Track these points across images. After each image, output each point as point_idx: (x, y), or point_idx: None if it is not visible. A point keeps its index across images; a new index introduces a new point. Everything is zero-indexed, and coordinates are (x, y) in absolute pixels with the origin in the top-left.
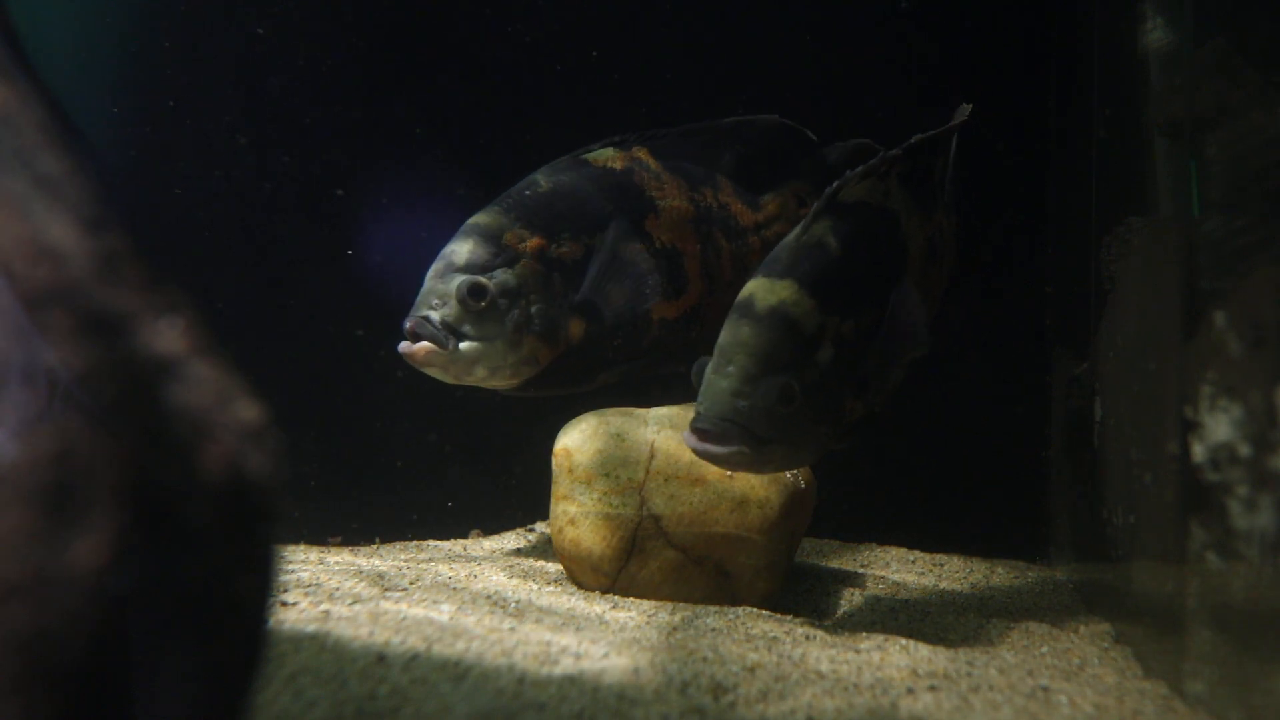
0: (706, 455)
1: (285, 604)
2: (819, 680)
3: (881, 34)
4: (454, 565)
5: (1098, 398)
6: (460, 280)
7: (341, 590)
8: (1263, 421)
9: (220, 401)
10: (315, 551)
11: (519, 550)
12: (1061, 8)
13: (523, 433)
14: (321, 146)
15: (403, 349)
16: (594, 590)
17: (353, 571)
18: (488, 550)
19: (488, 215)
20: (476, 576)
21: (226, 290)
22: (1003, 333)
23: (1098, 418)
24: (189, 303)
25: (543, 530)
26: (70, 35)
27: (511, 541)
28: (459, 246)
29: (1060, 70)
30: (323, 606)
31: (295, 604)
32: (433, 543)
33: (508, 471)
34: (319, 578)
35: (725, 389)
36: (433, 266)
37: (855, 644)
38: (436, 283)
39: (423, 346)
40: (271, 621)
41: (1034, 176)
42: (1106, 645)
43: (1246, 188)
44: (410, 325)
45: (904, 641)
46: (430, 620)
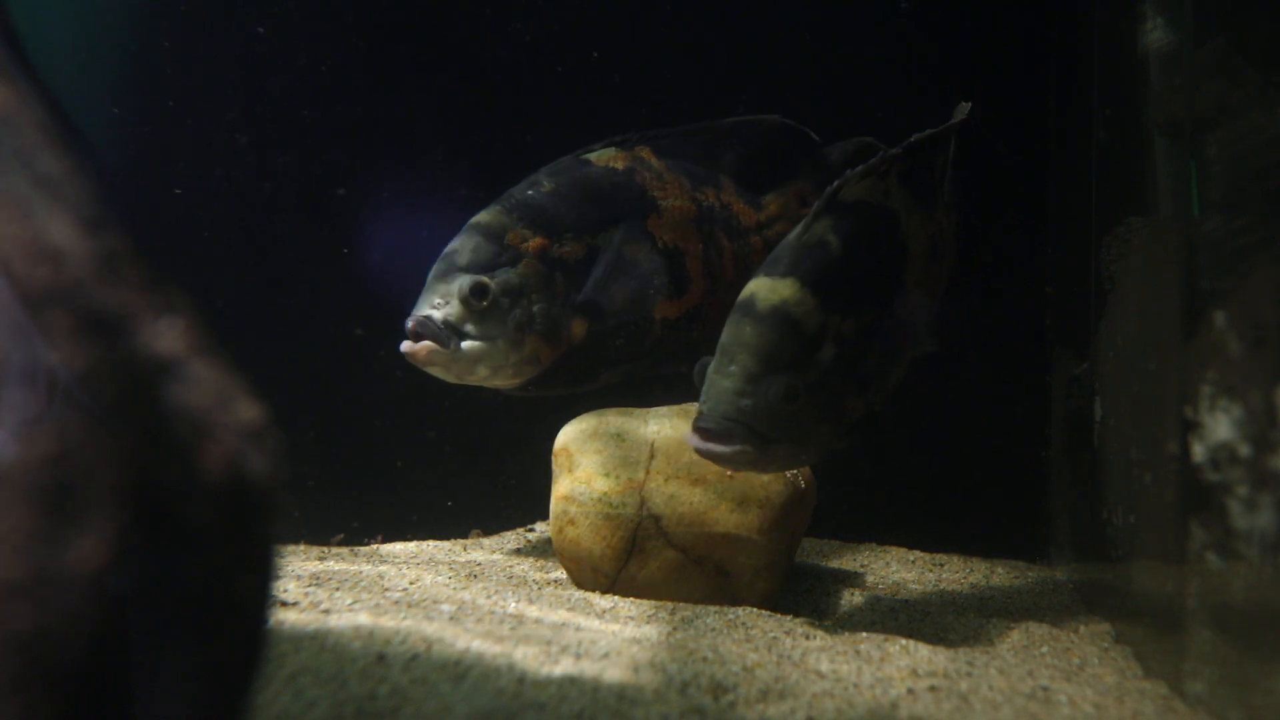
0: (710, 455)
1: (285, 604)
2: (819, 680)
3: (881, 34)
4: (454, 565)
5: (1098, 398)
6: (463, 279)
7: (341, 590)
8: (1263, 421)
9: (220, 401)
10: (315, 551)
11: (519, 550)
12: (1061, 8)
13: (523, 433)
14: (321, 146)
15: (405, 348)
16: (594, 590)
17: (353, 571)
18: (488, 550)
19: (490, 215)
20: (476, 577)
21: (226, 290)
22: (1003, 333)
23: (1098, 418)
24: (189, 303)
25: (543, 530)
26: (70, 35)
27: (511, 541)
28: (461, 246)
29: (1060, 70)
30: (323, 606)
31: (295, 604)
32: (433, 543)
33: (508, 471)
34: (319, 577)
35: (728, 388)
36: (435, 266)
37: (855, 644)
38: (439, 282)
39: (425, 346)
40: (271, 621)
41: (1034, 176)
42: (1106, 645)
43: (1246, 188)
44: (412, 324)
45: (904, 641)
46: (430, 620)
